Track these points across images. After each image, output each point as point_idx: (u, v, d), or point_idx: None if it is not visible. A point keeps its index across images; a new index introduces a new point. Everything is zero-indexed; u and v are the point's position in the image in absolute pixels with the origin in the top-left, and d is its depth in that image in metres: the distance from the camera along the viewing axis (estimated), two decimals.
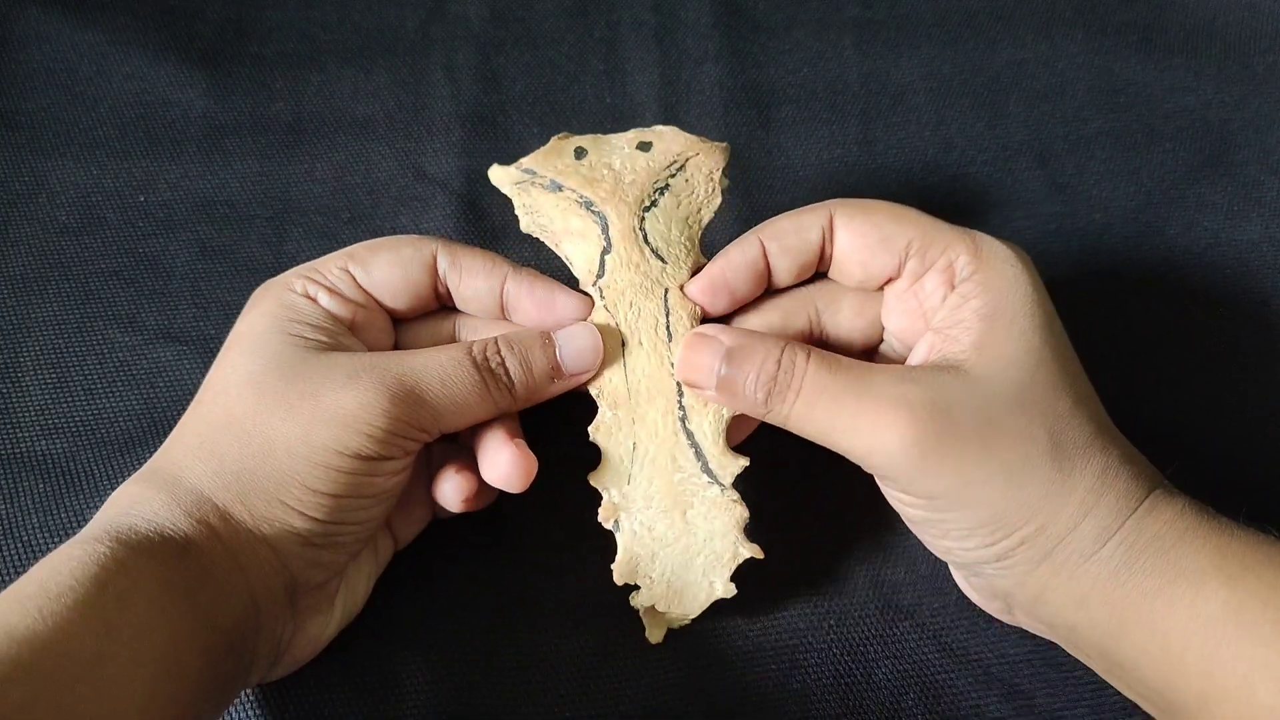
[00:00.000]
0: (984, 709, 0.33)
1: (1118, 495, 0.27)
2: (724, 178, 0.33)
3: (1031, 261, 0.30)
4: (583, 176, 0.32)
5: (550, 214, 0.33)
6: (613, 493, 0.32)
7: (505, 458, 0.30)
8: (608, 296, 0.32)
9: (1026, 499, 0.27)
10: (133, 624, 0.25)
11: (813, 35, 0.49)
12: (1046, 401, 0.28)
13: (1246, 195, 0.44)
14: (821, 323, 0.33)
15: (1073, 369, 0.29)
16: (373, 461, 0.29)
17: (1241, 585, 0.26)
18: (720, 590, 0.31)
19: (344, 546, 0.30)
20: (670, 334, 0.32)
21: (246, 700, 0.33)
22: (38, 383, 0.39)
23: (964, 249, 0.30)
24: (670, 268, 0.32)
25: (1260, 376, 0.40)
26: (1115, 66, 0.47)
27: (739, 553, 0.31)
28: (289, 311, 0.31)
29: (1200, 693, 0.26)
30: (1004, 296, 0.29)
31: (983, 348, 0.28)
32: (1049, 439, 0.28)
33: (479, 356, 0.30)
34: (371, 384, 0.28)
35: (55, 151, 0.44)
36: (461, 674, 0.33)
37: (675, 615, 0.33)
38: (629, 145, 0.33)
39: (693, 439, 0.31)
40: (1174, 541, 0.27)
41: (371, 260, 0.32)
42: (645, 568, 0.31)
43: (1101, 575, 0.27)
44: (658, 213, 0.32)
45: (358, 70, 0.47)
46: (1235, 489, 0.36)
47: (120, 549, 0.26)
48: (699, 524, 0.31)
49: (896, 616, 0.34)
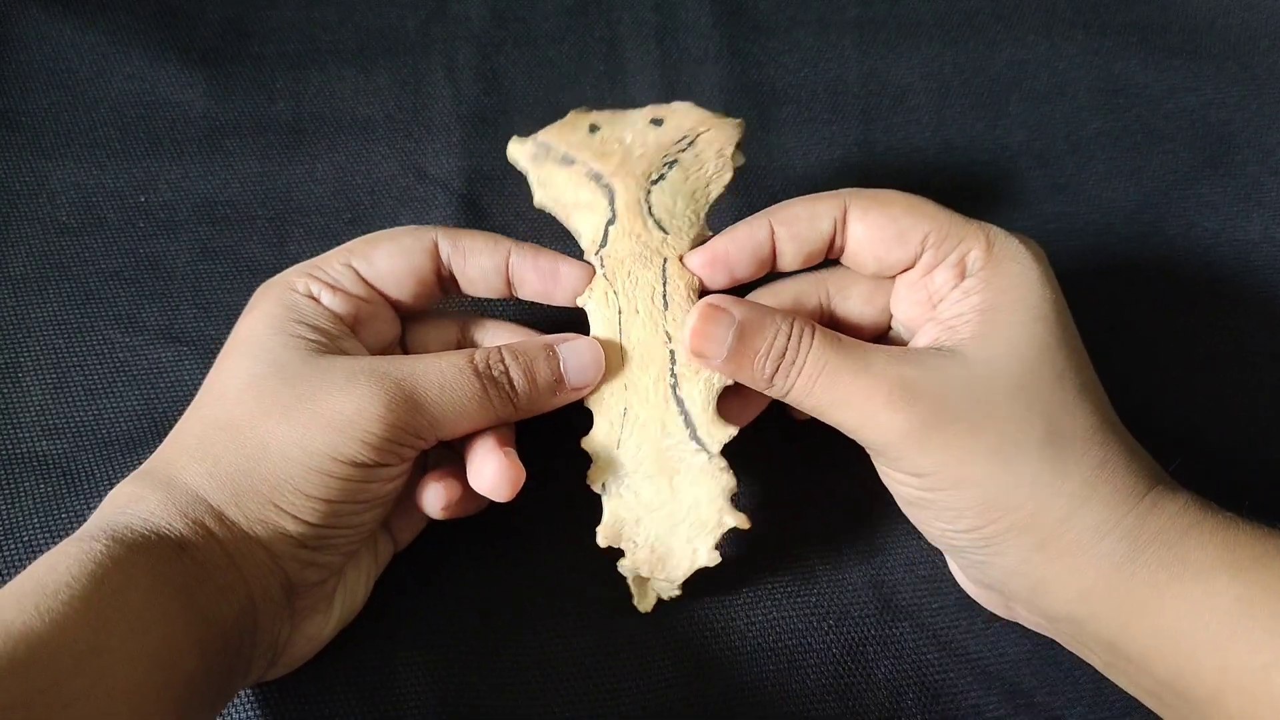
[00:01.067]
0: (983, 708, 0.33)
1: (1115, 488, 0.27)
2: (737, 153, 0.33)
3: (1044, 256, 0.30)
4: (594, 150, 0.33)
5: (562, 187, 0.33)
6: (602, 456, 0.32)
7: (492, 466, 0.30)
8: (607, 265, 0.32)
9: (1016, 483, 0.27)
10: (128, 620, 0.25)
11: (813, 35, 0.49)
12: (1048, 390, 0.28)
13: (1247, 195, 0.44)
14: (832, 306, 0.33)
15: (1078, 362, 0.29)
16: (369, 468, 0.29)
17: (1252, 578, 0.26)
18: (704, 558, 0.32)
19: (339, 549, 0.30)
20: (666, 303, 0.32)
21: (246, 700, 0.33)
22: (38, 383, 0.39)
23: (977, 244, 0.30)
24: (672, 238, 0.32)
25: (1262, 376, 0.40)
26: (1115, 67, 0.47)
27: (724, 521, 0.31)
28: (290, 312, 0.31)
29: (1214, 686, 0.26)
30: (1008, 293, 0.29)
31: (981, 338, 0.29)
32: (1045, 426, 0.28)
33: (481, 365, 0.30)
34: (369, 389, 0.28)
35: (56, 152, 0.44)
36: (461, 674, 0.33)
37: (662, 583, 0.33)
38: (643, 120, 0.34)
39: (683, 406, 0.31)
40: (1180, 535, 0.27)
41: (373, 252, 0.32)
42: (630, 532, 0.32)
43: (1105, 568, 0.27)
44: (664, 185, 0.33)
45: (358, 71, 0.47)
46: (1238, 487, 0.36)
47: (116, 547, 0.26)
48: (685, 490, 0.31)
49: (895, 617, 0.35)
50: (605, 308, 0.32)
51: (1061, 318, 0.29)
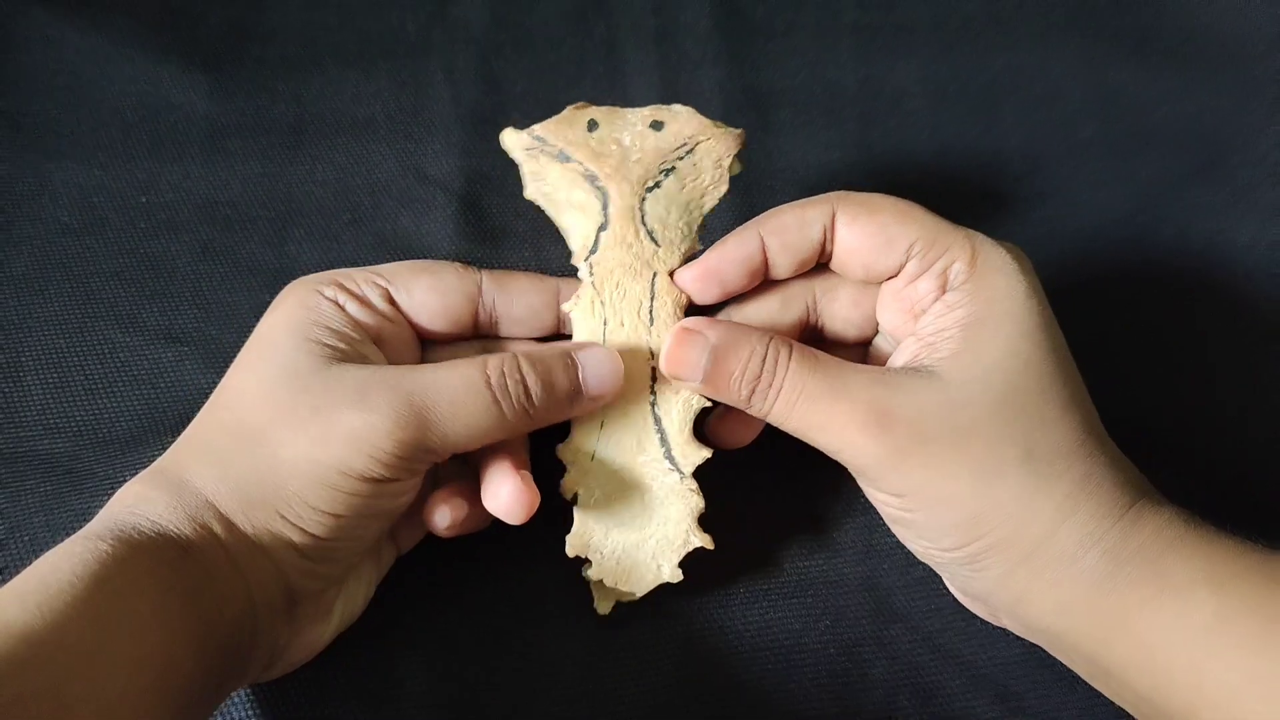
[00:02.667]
0: (976, 710, 0.33)
1: (1098, 504, 0.27)
2: (736, 163, 0.33)
3: (1031, 266, 0.30)
4: (591, 150, 0.32)
5: (555, 183, 0.33)
6: (576, 466, 0.32)
7: (508, 490, 0.30)
8: (596, 274, 0.32)
9: (997, 503, 0.27)
10: (129, 621, 0.25)
11: (811, 39, 0.49)
12: (1030, 407, 0.28)
13: (1239, 201, 0.44)
14: (819, 311, 0.33)
15: (1064, 375, 0.29)
16: (378, 483, 0.28)
17: (1229, 595, 0.26)
18: (667, 574, 0.32)
19: (343, 561, 0.30)
20: (652, 318, 0.32)
21: (245, 700, 0.33)
22: (39, 382, 0.39)
23: (961, 255, 0.30)
24: (663, 251, 0.32)
25: (1254, 382, 0.40)
26: (1109, 73, 0.48)
27: (690, 540, 0.32)
28: (311, 313, 0.30)
29: (1188, 703, 0.26)
30: (991, 306, 0.29)
31: (961, 355, 0.28)
32: (1025, 444, 0.28)
33: (495, 374, 0.29)
34: (380, 404, 0.28)
35: (58, 153, 0.44)
36: (461, 674, 0.34)
37: (623, 591, 0.33)
38: (642, 122, 0.33)
39: (660, 425, 0.32)
40: (1160, 552, 0.27)
41: (413, 283, 0.32)
42: (598, 543, 0.32)
43: (1084, 584, 0.27)
44: (659, 194, 0.32)
45: (359, 72, 0.47)
46: (1230, 492, 0.37)
47: (121, 547, 0.26)
48: (655, 508, 0.32)
49: (890, 619, 0.35)
50: (591, 318, 0.32)
51: (1047, 330, 0.29)
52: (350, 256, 0.42)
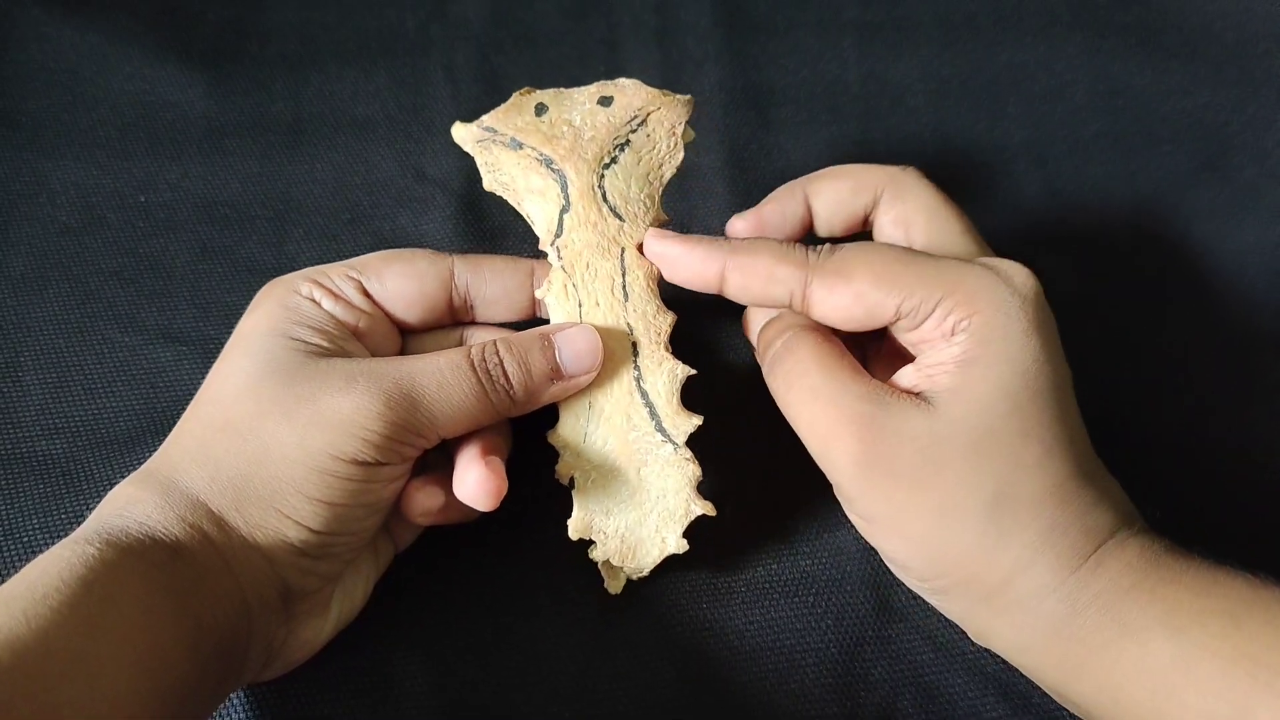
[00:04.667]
0: (979, 710, 0.33)
1: (1058, 554, 0.27)
2: (688, 130, 0.33)
3: (1037, 292, 0.29)
4: (543, 134, 0.32)
5: (511, 172, 0.33)
6: (569, 450, 0.32)
7: (473, 476, 0.30)
8: (565, 256, 0.32)
9: (957, 545, 0.28)
10: (117, 626, 0.25)
11: (812, 36, 0.49)
12: (1007, 450, 0.27)
13: (1243, 198, 0.44)
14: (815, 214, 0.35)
15: (1054, 415, 0.28)
16: (369, 468, 0.28)
17: (1188, 638, 0.25)
18: (673, 546, 0.32)
19: (339, 557, 0.30)
20: (626, 294, 0.32)
21: (243, 700, 0.33)
22: (38, 383, 0.39)
23: (957, 304, 0.28)
24: (628, 226, 0.32)
25: (1257, 380, 0.40)
26: (1113, 69, 0.47)
27: (691, 509, 0.32)
28: (291, 313, 0.31)
29: None
30: (987, 346, 0.28)
31: (952, 392, 0.28)
32: (994, 490, 0.27)
33: (477, 359, 0.30)
34: (368, 388, 0.28)
35: (56, 152, 0.44)
36: (461, 674, 0.33)
37: (631, 568, 0.33)
38: (590, 100, 0.33)
39: (647, 398, 0.32)
40: (1119, 597, 0.27)
41: (385, 271, 0.32)
42: (600, 524, 0.32)
43: (1044, 629, 0.27)
44: (617, 169, 0.32)
45: (358, 71, 0.47)
46: (1231, 493, 0.37)
47: (109, 551, 0.26)
48: (652, 481, 0.32)
49: (892, 618, 0.35)
50: (565, 301, 0.32)
51: (1044, 369, 0.28)
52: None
